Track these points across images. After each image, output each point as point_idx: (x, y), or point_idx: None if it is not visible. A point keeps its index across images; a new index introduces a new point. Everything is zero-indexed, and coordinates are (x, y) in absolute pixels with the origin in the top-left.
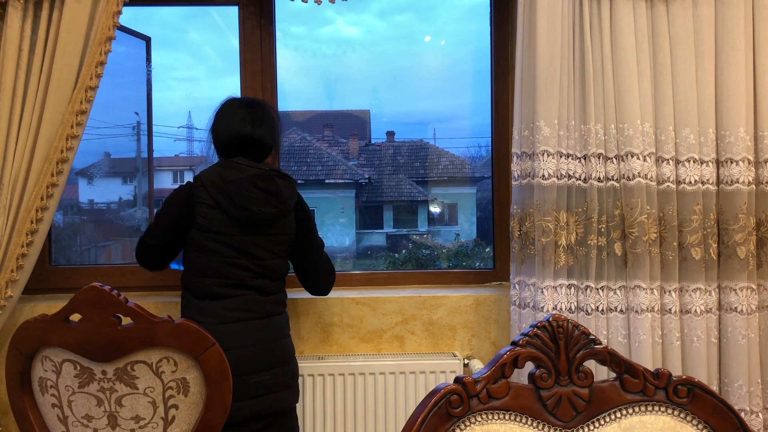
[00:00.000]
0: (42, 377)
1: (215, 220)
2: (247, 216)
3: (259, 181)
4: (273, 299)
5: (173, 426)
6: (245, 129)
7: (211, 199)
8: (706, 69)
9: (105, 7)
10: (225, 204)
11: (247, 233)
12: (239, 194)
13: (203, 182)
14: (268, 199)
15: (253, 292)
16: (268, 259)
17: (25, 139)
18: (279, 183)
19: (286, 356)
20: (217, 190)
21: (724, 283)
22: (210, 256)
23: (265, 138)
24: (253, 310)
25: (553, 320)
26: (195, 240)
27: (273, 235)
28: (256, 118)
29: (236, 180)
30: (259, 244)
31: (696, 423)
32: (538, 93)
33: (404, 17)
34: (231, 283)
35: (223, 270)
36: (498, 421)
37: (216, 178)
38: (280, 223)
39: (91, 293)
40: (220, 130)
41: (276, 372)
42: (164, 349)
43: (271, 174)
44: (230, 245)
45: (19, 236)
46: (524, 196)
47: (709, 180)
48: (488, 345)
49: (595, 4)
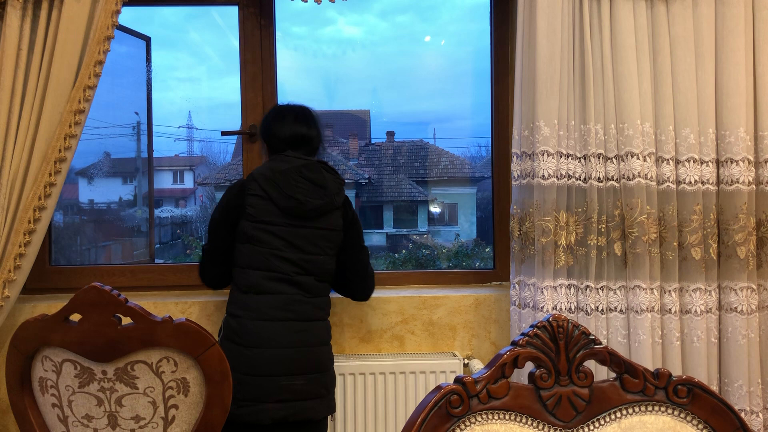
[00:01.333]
0: (42, 377)
1: (264, 210)
2: (293, 205)
3: (306, 171)
4: (316, 303)
5: (173, 426)
6: (300, 128)
7: (261, 190)
8: (706, 69)
9: (104, 7)
10: (274, 194)
11: (295, 225)
12: (287, 183)
13: (254, 176)
14: (315, 190)
15: (296, 291)
16: (315, 254)
17: (23, 139)
18: (326, 176)
19: (322, 364)
20: (267, 181)
21: (724, 283)
22: (258, 247)
23: (315, 136)
24: (295, 311)
25: (553, 320)
26: (244, 231)
27: (320, 230)
28: (309, 118)
29: (285, 170)
30: (305, 237)
31: (696, 423)
32: (538, 93)
33: (405, 17)
34: (276, 277)
35: (270, 262)
36: (498, 421)
37: (266, 170)
38: (326, 217)
39: (91, 293)
40: (274, 129)
41: (309, 378)
42: (164, 349)
43: (318, 165)
44: (278, 236)
45: (17, 236)
46: (524, 196)
47: (709, 180)
48: (488, 345)
49: (595, 4)
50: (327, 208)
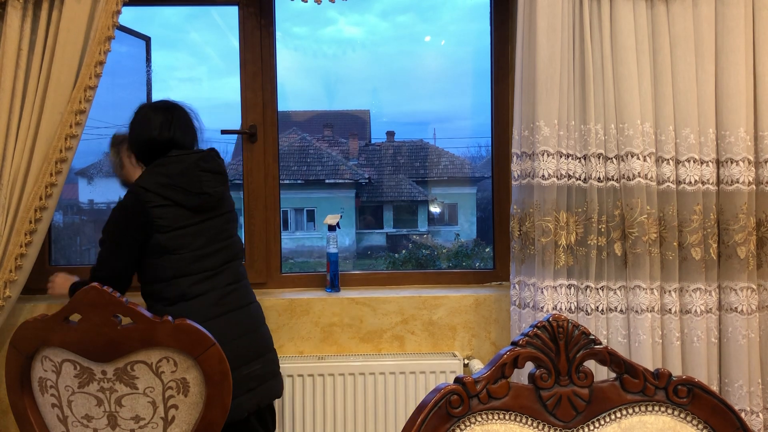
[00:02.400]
0: (42, 377)
1: (175, 216)
2: (204, 200)
3: (203, 162)
4: (245, 285)
5: (173, 426)
6: (175, 127)
7: (162, 199)
8: (706, 69)
9: (104, 7)
10: (179, 197)
11: (206, 218)
12: (190, 182)
13: (146, 188)
14: (216, 178)
15: (225, 283)
16: (229, 237)
17: (24, 139)
18: (219, 162)
19: (269, 342)
20: (166, 188)
21: (724, 283)
22: (178, 255)
23: (192, 126)
24: (230, 302)
25: (553, 320)
26: (159, 244)
27: (226, 213)
28: (173, 111)
29: (183, 170)
30: (218, 226)
31: (696, 423)
32: (538, 93)
33: (406, 17)
34: (204, 277)
35: (194, 266)
36: (498, 421)
37: (159, 178)
38: (226, 199)
39: (91, 293)
40: (149, 136)
41: (264, 360)
42: (164, 349)
43: (211, 154)
44: (195, 235)
45: (18, 236)
46: (524, 196)
47: (709, 180)
48: (488, 345)
49: (595, 4)
50: (228, 191)
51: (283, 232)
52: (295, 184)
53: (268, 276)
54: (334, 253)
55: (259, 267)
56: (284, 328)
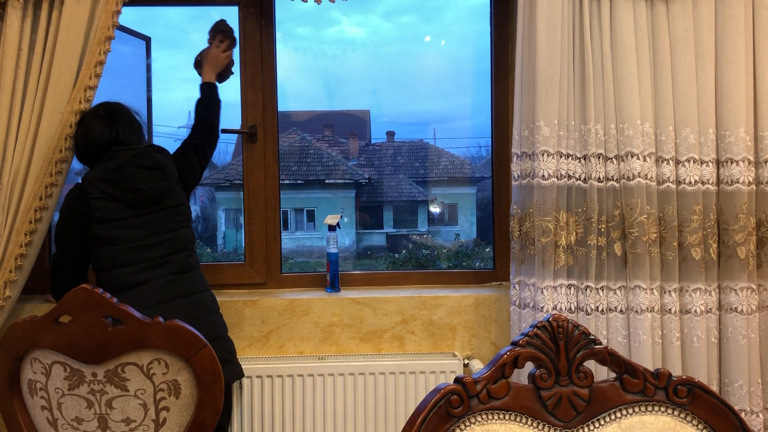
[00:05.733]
0: (31, 379)
1: (112, 209)
2: (136, 196)
3: (138, 159)
4: (192, 277)
5: (164, 428)
6: (105, 136)
7: (100, 192)
8: (706, 69)
9: (104, 7)
10: (114, 192)
11: (146, 212)
12: (123, 178)
13: (89, 180)
14: (153, 174)
15: (168, 273)
16: (174, 230)
17: (24, 139)
18: (158, 156)
19: (218, 330)
20: (102, 182)
21: (724, 284)
22: (116, 246)
23: (128, 125)
24: (173, 290)
25: (553, 320)
26: (98, 234)
27: (170, 208)
28: (113, 113)
29: (116, 166)
30: (160, 219)
31: (696, 423)
32: (538, 93)
33: (409, 18)
34: (145, 267)
35: (133, 256)
36: (498, 421)
37: (98, 172)
38: (172, 194)
39: (81, 294)
40: (89, 142)
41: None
42: (155, 350)
43: (147, 150)
44: (133, 227)
45: (18, 236)
46: (524, 196)
47: (709, 180)
48: (488, 345)
49: (595, 4)
50: (170, 186)
51: (283, 232)
52: (295, 184)
53: (268, 276)
54: (334, 253)
55: (259, 267)
56: (284, 329)
